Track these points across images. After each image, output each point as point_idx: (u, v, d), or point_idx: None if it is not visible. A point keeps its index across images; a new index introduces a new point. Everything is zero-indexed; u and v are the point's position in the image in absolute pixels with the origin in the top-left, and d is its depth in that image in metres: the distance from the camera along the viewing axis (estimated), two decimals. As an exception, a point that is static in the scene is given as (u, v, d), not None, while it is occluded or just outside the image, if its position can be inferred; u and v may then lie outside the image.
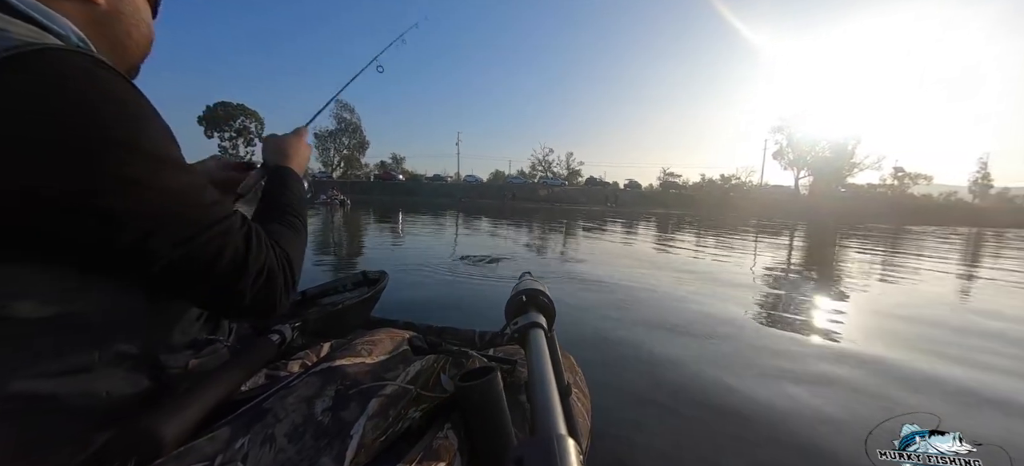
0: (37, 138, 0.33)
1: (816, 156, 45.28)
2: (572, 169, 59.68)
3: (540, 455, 0.33)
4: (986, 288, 4.60)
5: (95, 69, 0.38)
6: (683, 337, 2.42)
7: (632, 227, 12.35)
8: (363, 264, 4.74)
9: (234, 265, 0.45)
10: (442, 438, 0.51)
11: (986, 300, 3.93)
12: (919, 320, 3.03)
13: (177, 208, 0.41)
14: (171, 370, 0.49)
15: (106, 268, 0.40)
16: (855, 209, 33.70)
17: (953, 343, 2.52)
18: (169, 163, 0.41)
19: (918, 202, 37.62)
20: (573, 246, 7.22)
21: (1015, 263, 6.86)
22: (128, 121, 0.38)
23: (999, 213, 33.81)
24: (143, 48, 0.54)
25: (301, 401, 0.49)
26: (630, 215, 20.92)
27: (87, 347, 0.40)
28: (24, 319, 0.35)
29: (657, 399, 1.65)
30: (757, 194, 43.51)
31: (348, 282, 1.13)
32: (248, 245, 0.47)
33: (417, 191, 43.83)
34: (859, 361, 2.13)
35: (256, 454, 0.42)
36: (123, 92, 0.39)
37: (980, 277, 5.30)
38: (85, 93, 0.36)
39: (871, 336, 2.59)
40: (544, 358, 0.48)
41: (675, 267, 5.07)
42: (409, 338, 0.65)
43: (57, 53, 0.36)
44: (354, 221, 11.37)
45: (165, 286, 0.43)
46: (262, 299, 0.48)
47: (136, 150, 0.38)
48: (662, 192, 49.35)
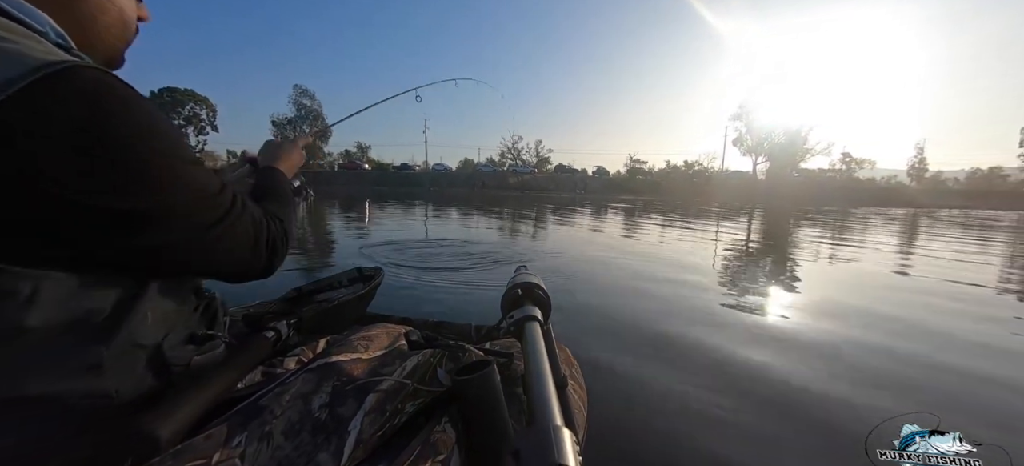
0: (82, 154, 0.36)
1: (772, 143, 47.52)
2: (541, 156, 59.94)
3: (537, 446, 0.34)
4: (901, 257, 5.07)
5: (115, 82, 0.40)
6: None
7: (603, 214, 12.59)
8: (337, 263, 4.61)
9: (251, 239, 0.54)
10: (440, 432, 0.52)
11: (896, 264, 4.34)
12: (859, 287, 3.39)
13: (203, 199, 0.47)
14: (175, 366, 0.49)
15: (129, 265, 0.43)
16: (808, 192, 35.76)
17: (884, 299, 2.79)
18: (190, 161, 0.46)
19: (863, 186, 40.27)
20: (559, 233, 7.30)
21: (933, 240, 7.57)
22: (153, 127, 0.42)
23: (932, 195, 36.78)
24: (116, 33, 0.52)
25: (298, 398, 0.48)
26: (599, 201, 21.31)
27: (97, 344, 0.41)
28: (41, 320, 0.37)
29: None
30: (719, 179, 45.26)
31: (343, 278, 1.11)
32: (256, 222, 0.55)
33: (384, 181, 42.76)
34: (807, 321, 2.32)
35: (253, 451, 0.42)
36: (139, 100, 0.42)
37: (914, 252, 5.85)
38: (115, 107, 0.39)
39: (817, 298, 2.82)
40: (540, 351, 0.49)
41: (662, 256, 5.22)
42: (405, 333, 0.65)
43: (83, 71, 0.38)
44: (320, 213, 11.01)
45: (193, 269, 0.50)
46: (270, 263, 0.58)
47: (162, 153, 0.42)
48: (629, 178, 50.47)
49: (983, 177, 49.78)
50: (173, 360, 0.49)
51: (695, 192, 36.01)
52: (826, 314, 2.82)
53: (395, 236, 6.22)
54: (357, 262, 1.75)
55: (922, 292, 3.54)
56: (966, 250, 6.45)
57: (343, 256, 4.77)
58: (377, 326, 0.66)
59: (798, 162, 46.79)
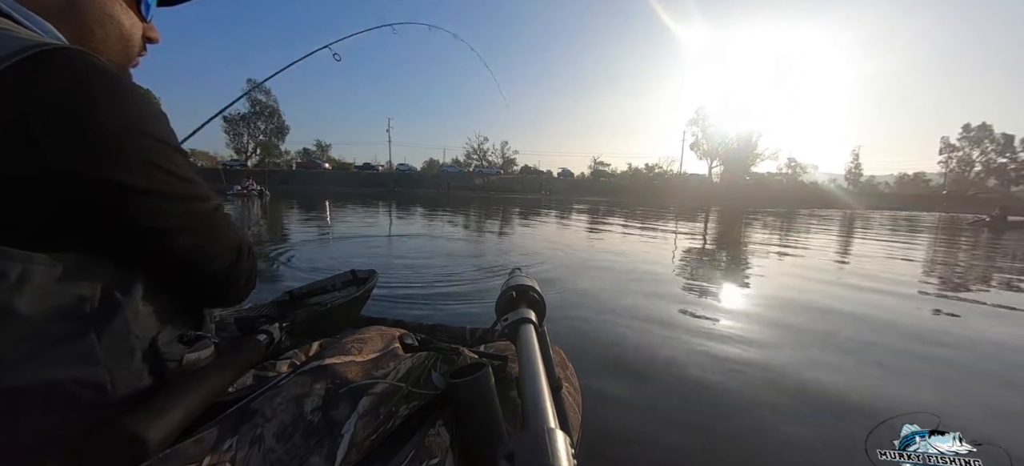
0: (70, 128, 0.37)
1: (726, 147, 49.99)
2: (507, 158, 60.10)
3: (531, 449, 0.34)
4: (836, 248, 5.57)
5: (104, 65, 0.41)
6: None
7: (571, 215, 12.79)
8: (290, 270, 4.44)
9: (235, 243, 0.54)
10: (434, 435, 0.51)
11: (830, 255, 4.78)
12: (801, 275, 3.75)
13: (189, 190, 0.47)
14: (169, 362, 0.49)
15: (114, 250, 0.43)
16: (758, 194, 37.92)
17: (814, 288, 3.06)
18: (179, 151, 0.47)
19: (807, 188, 43.13)
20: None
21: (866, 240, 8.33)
22: (146, 113, 0.43)
23: (866, 198, 40.07)
24: (116, 48, 0.53)
25: (290, 401, 0.47)
26: (564, 203, 21.63)
27: (88, 332, 0.41)
28: (31, 305, 0.37)
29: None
30: (677, 182, 47.06)
31: (337, 282, 1.08)
32: (240, 232, 0.55)
33: (346, 181, 41.44)
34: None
35: (244, 455, 0.41)
36: (127, 83, 0.42)
37: (851, 247, 6.42)
38: (110, 87, 0.40)
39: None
40: (534, 353, 0.50)
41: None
42: (399, 336, 0.64)
43: (73, 51, 0.39)
44: (276, 214, 10.53)
45: (179, 266, 0.49)
46: (250, 280, 0.58)
47: (155, 138, 0.43)
48: (593, 180, 51.58)
49: (909, 182, 54.82)
50: (167, 356, 0.48)
51: (656, 194, 37.32)
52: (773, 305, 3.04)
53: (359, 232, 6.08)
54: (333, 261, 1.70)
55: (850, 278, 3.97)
56: (895, 243, 7.12)
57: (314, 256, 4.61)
58: (371, 329, 0.65)
59: (749, 166, 49.48)
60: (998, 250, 7.27)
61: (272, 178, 34.22)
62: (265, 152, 49.36)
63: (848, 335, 2.47)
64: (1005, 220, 13.64)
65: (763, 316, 2.83)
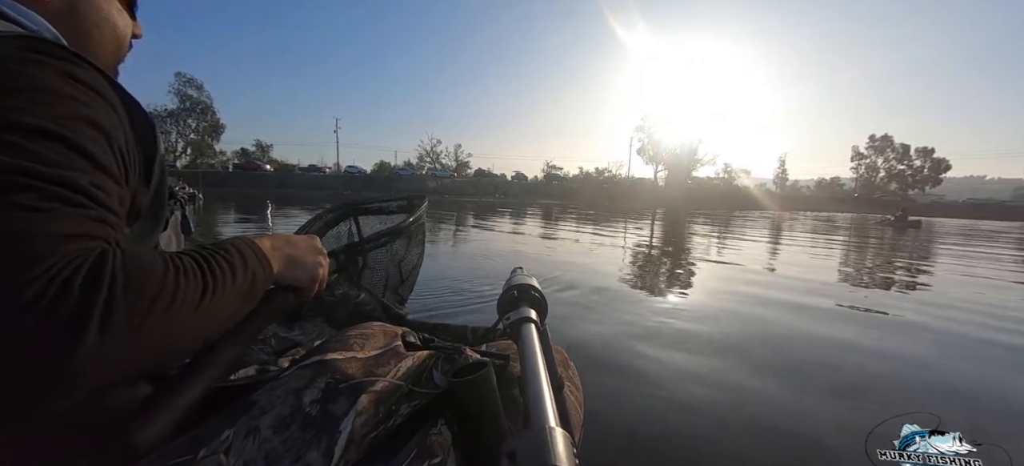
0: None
1: (670, 153, 52.75)
2: (460, 161, 59.66)
3: (533, 447, 0.35)
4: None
5: (29, 59, 0.37)
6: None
7: (525, 216, 12.94)
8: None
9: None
10: (436, 434, 0.51)
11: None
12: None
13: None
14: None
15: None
16: (699, 197, 40.45)
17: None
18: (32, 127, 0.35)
19: (740, 192, 46.55)
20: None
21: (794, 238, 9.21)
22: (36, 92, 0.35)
23: (791, 200, 44.04)
24: (110, 49, 0.53)
25: (289, 393, 0.47)
26: (518, 206, 21.83)
27: None
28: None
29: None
30: (626, 185, 48.99)
31: (393, 205, 1.17)
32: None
33: (289, 183, 39.17)
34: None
35: (239, 446, 0.40)
36: (40, 70, 0.36)
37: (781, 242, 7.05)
38: (10, 78, 0.35)
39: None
40: (536, 352, 0.52)
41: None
42: (401, 334, 0.63)
43: (14, 39, 0.37)
44: (209, 221, 9.76)
45: None
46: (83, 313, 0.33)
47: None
48: (546, 183, 52.46)
49: (827, 185, 60.86)
50: None
51: (607, 198, 38.64)
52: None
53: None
54: None
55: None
56: (815, 242, 7.89)
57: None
58: (374, 324, 0.64)
59: (691, 171, 52.54)
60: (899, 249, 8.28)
61: (206, 180, 31.57)
62: (197, 152, 45.59)
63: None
64: (906, 220, 15.99)
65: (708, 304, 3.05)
